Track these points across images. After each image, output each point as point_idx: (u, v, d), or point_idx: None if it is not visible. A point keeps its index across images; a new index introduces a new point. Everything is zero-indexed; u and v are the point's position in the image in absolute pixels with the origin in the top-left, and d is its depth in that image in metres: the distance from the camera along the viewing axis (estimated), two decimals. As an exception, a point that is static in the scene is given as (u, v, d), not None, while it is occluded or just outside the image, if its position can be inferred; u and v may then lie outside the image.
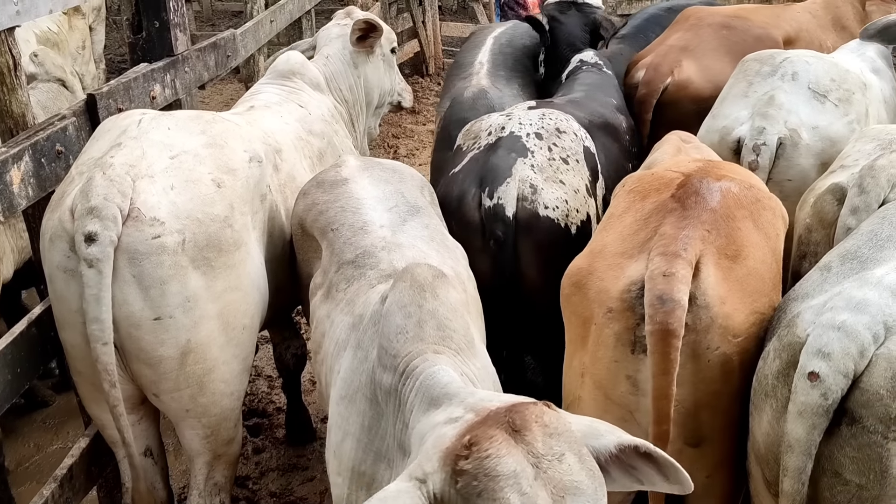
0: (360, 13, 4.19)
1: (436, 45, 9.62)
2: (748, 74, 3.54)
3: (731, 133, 3.37)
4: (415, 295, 1.99)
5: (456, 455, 1.47)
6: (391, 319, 1.98)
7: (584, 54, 4.43)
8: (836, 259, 2.18)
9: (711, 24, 4.47)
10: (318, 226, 2.76)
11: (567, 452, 1.48)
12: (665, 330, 2.08)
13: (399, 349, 1.91)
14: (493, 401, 1.59)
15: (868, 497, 1.88)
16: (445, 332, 1.94)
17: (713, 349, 2.18)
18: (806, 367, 1.88)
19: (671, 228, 2.30)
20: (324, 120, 3.63)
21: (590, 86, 4.12)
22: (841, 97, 3.42)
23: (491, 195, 3.14)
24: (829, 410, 1.86)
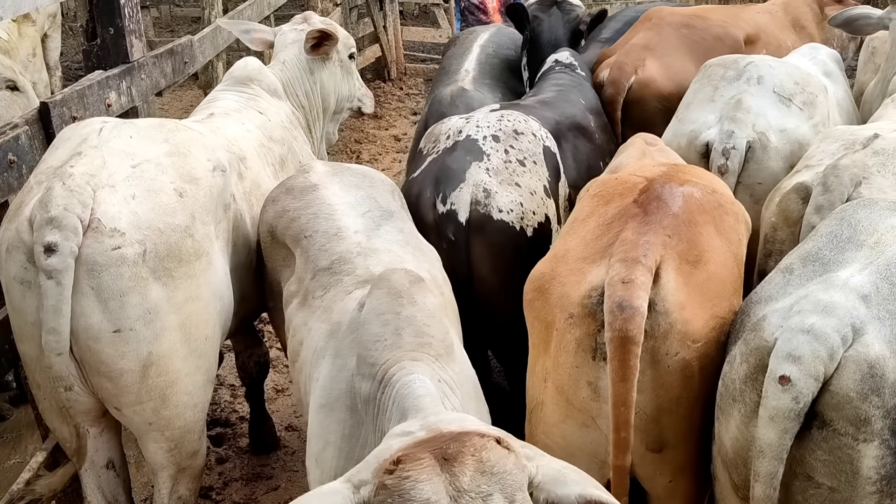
0: (317, 18, 4.16)
1: (397, 50, 9.61)
2: (713, 79, 3.58)
3: (699, 137, 3.41)
4: (392, 302, 1.99)
5: (385, 469, 1.46)
6: (369, 328, 1.97)
7: (560, 54, 4.47)
8: (797, 261, 2.20)
9: (672, 24, 4.57)
10: (290, 233, 2.74)
11: (496, 494, 1.43)
12: (624, 337, 2.08)
13: (377, 357, 1.89)
14: (453, 424, 1.56)
15: (840, 499, 1.91)
16: (424, 338, 1.93)
17: (672, 355, 2.19)
18: (776, 372, 1.89)
19: (632, 234, 2.31)
20: (283, 126, 3.61)
21: (561, 86, 4.14)
22: (805, 100, 3.48)
23: (444, 200, 3.17)
24: (800, 414, 1.88)
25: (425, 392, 1.75)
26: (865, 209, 2.26)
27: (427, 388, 1.77)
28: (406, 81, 9.44)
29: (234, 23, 4.40)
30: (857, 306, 1.93)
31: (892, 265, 2.01)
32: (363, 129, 8.05)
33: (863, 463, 1.86)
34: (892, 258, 2.03)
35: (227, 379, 4.45)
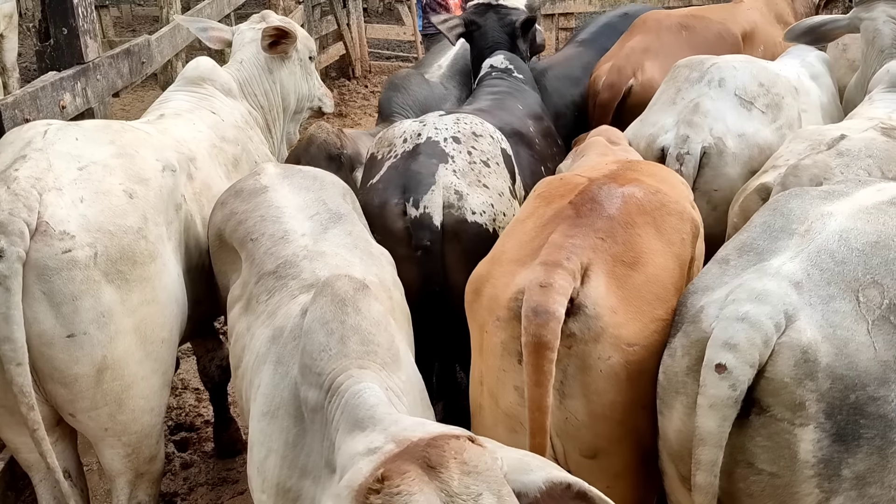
0: (275, 17, 4.14)
1: (361, 48, 9.59)
2: (678, 80, 3.54)
3: (656, 141, 3.38)
4: (336, 311, 1.96)
5: (367, 489, 1.42)
6: (313, 337, 1.94)
7: (494, 59, 4.40)
8: (733, 252, 2.23)
9: (670, 27, 4.57)
10: (237, 236, 2.70)
11: (485, 493, 1.42)
12: (538, 342, 2.06)
13: (323, 367, 1.87)
14: (417, 431, 1.54)
15: (780, 485, 1.94)
16: (370, 346, 1.91)
17: (605, 359, 2.16)
18: (713, 360, 1.92)
19: (559, 237, 2.28)
20: (237, 126, 3.58)
21: (497, 93, 4.09)
22: (769, 103, 3.44)
23: (416, 204, 3.08)
24: (737, 401, 1.90)
25: (377, 401, 1.73)
26: (797, 198, 2.29)
27: (378, 397, 1.75)
28: (371, 79, 9.43)
29: (193, 20, 4.37)
30: (790, 293, 1.96)
31: (823, 252, 2.05)
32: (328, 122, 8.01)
33: (800, 447, 1.90)
34: (823, 245, 2.06)
35: (191, 383, 4.42)
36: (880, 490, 1.93)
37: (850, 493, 1.91)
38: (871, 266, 2.01)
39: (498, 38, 4.57)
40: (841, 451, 1.88)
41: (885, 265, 2.02)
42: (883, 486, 1.93)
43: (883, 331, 1.93)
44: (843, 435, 1.88)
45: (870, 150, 2.95)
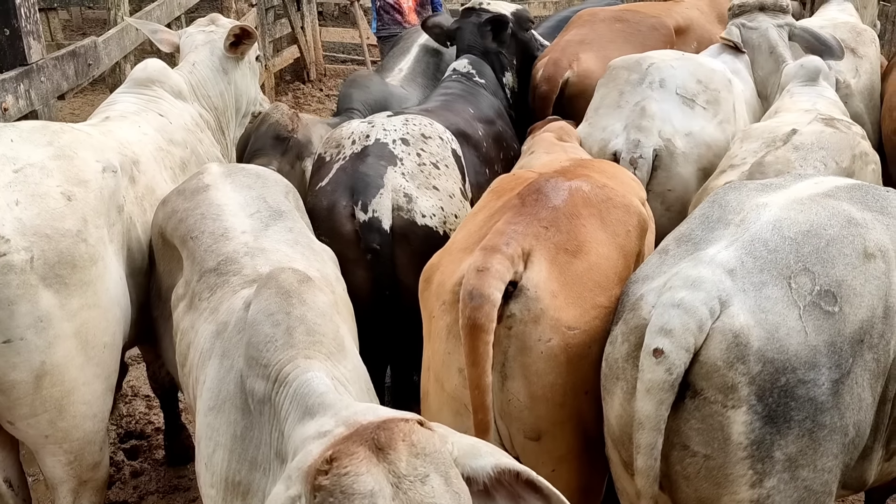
0: (224, 20, 4.12)
1: (316, 51, 9.54)
2: (618, 83, 3.58)
3: (608, 145, 3.42)
4: (282, 302, 1.97)
5: (316, 470, 1.44)
6: (259, 328, 1.94)
7: (458, 62, 4.43)
8: (672, 242, 2.28)
9: (605, 19, 4.65)
10: (178, 234, 2.69)
11: (432, 474, 1.44)
12: (473, 325, 2.11)
13: (270, 358, 1.88)
14: (368, 414, 1.56)
15: (714, 466, 1.98)
16: (315, 336, 1.93)
17: (545, 340, 2.21)
18: (650, 345, 1.96)
19: (502, 224, 2.33)
20: (186, 129, 3.54)
21: (449, 96, 4.10)
22: (709, 99, 3.50)
23: (365, 208, 3.07)
24: (674, 385, 1.95)
25: (326, 388, 1.74)
26: (735, 191, 2.36)
27: (327, 385, 1.76)
28: (326, 82, 9.39)
29: (142, 23, 4.32)
30: (724, 280, 2.01)
31: (756, 240, 2.10)
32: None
33: (733, 429, 1.95)
34: (756, 234, 2.12)
35: (141, 390, 4.34)
36: (812, 473, 1.99)
37: (782, 475, 1.96)
38: (803, 254, 2.07)
39: (472, 42, 4.57)
40: (772, 433, 1.94)
41: (816, 253, 2.08)
42: (815, 469, 1.99)
43: (813, 316, 1.99)
44: (773, 417, 1.93)
45: (821, 143, 3.08)
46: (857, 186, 2.41)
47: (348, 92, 4.49)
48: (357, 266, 3.09)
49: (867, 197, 2.35)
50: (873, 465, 2.30)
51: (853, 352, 2.02)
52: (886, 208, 2.32)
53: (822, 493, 2.04)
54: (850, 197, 2.32)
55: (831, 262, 2.07)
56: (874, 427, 2.21)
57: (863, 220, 2.21)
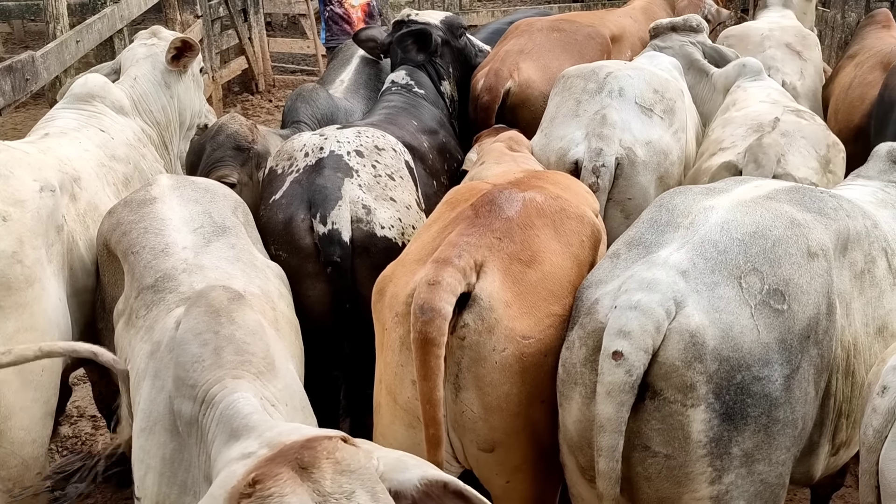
0: (166, 32, 4.04)
1: (265, 62, 9.44)
2: (574, 92, 3.57)
3: (567, 154, 3.40)
4: (210, 321, 1.94)
5: (240, 493, 1.42)
6: (187, 348, 1.92)
7: (396, 74, 4.38)
8: (622, 246, 2.30)
9: (542, 29, 4.67)
10: (120, 248, 2.64)
11: (358, 490, 1.44)
12: (424, 339, 2.10)
13: (197, 378, 1.85)
14: (292, 434, 1.55)
15: (675, 465, 2.00)
16: (244, 356, 1.90)
17: (499, 350, 2.19)
18: (609, 348, 1.97)
19: (456, 236, 2.32)
20: (129, 144, 3.47)
21: (391, 109, 4.06)
22: (665, 108, 3.55)
23: (324, 220, 3.02)
24: (633, 386, 1.96)
25: (252, 409, 1.72)
26: (681, 195, 2.39)
27: (253, 406, 1.73)
28: (275, 93, 9.28)
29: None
30: (678, 281, 2.03)
31: (706, 242, 2.13)
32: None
33: (692, 427, 1.96)
34: (706, 236, 2.15)
35: (87, 410, 4.22)
36: (768, 466, 2.02)
37: (740, 471, 1.99)
38: (751, 254, 2.11)
39: (405, 55, 4.53)
40: (730, 430, 1.96)
41: (764, 253, 2.12)
42: (770, 463, 2.02)
43: (764, 314, 2.02)
44: (731, 414, 1.96)
45: (801, 132, 3.23)
46: (795, 189, 2.49)
47: (295, 105, 4.44)
48: (317, 279, 3.05)
49: (805, 198, 2.42)
50: (820, 459, 2.35)
51: (801, 348, 2.07)
52: (823, 209, 2.39)
53: (776, 486, 2.08)
54: (790, 199, 2.39)
55: (778, 261, 2.11)
56: (819, 422, 2.26)
57: (804, 221, 2.27)
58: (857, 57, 4.63)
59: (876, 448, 1.91)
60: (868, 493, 1.96)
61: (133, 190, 3.09)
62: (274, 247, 3.07)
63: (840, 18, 6.82)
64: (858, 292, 2.34)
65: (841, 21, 6.79)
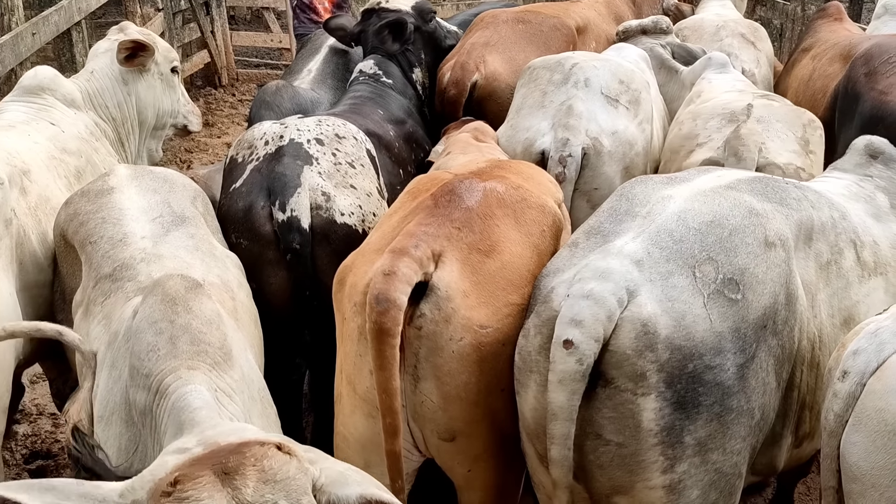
0: (134, 29, 3.97)
1: (228, 56, 9.32)
2: (540, 83, 3.58)
3: (534, 145, 3.41)
4: (166, 310, 1.94)
5: (162, 491, 1.42)
6: (142, 337, 1.91)
7: (364, 63, 4.36)
8: (581, 235, 2.31)
9: (507, 21, 4.65)
10: (78, 238, 2.62)
11: (281, 501, 1.43)
12: (379, 329, 2.11)
13: (151, 368, 1.83)
14: (230, 436, 1.54)
15: (627, 453, 2.01)
16: (200, 346, 1.89)
17: (456, 340, 2.20)
18: (561, 336, 1.98)
19: (414, 226, 2.32)
20: (80, 137, 3.42)
21: (358, 98, 4.06)
22: (631, 99, 3.56)
23: (283, 207, 3.02)
24: (584, 375, 1.97)
25: (202, 404, 1.71)
26: (641, 185, 2.40)
27: (204, 400, 1.73)
28: (239, 87, 9.17)
29: None
30: (631, 270, 2.04)
31: (662, 231, 2.14)
32: (194, 136, 7.71)
33: (643, 416, 1.98)
34: (662, 225, 2.16)
35: (46, 408, 4.15)
36: (722, 456, 2.03)
37: (693, 460, 2.00)
38: (707, 244, 2.12)
39: (376, 44, 4.50)
40: (682, 419, 1.97)
41: (720, 242, 2.13)
42: (724, 452, 2.03)
43: (718, 303, 2.03)
44: (683, 403, 1.97)
45: (775, 115, 3.23)
46: (758, 179, 2.49)
47: (259, 114, 4.39)
48: (277, 267, 3.05)
49: (767, 189, 2.42)
50: (783, 451, 2.37)
51: (757, 337, 2.08)
52: (785, 199, 2.41)
53: (732, 475, 2.09)
54: (751, 189, 2.39)
55: (734, 251, 2.12)
56: (782, 413, 2.28)
57: (763, 211, 2.28)
58: (813, 50, 4.69)
59: (837, 433, 1.94)
60: (829, 477, 2.00)
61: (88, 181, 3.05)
62: (234, 235, 3.06)
63: (800, 11, 6.93)
64: (824, 283, 2.36)
65: (801, 13, 6.90)
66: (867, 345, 1.95)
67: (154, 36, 4.01)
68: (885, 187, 2.81)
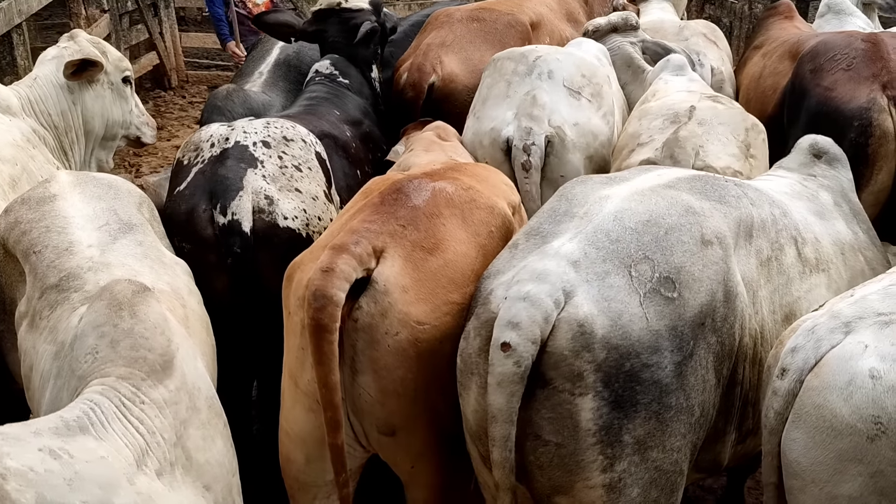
0: (84, 37, 3.89)
1: (177, 57, 9.18)
2: (505, 74, 3.64)
3: (499, 134, 3.47)
4: (111, 314, 1.92)
5: None
6: (84, 340, 1.90)
7: (320, 64, 4.33)
8: (522, 237, 2.32)
9: (461, 20, 4.66)
10: (20, 248, 2.56)
11: None
12: (316, 325, 2.14)
13: (86, 370, 1.83)
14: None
15: (566, 454, 2.03)
16: (139, 352, 1.88)
17: (392, 334, 2.23)
18: (499, 339, 1.99)
19: (358, 223, 2.34)
20: (15, 145, 3.36)
21: (312, 99, 4.03)
22: (593, 92, 3.63)
23: (224, 211, 2.99)
24: (523, 377, 1.98)
25: (75, 423, 1.72)
26: (581, 185, 2.42)
27: (81, 421, 1.72)
28: (188, 89, 9.04)
29: None
30: (568, 271, 2.05)
31: (599, 231, 2.16)
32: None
33: (581, 416, 1.99)
34: (599, 225, 2.18)
35: None
36: (662, 454, 2.05)
37: (633, 458, 2.02)
38: (643, 243, 2.14)
39: (337, 45, 4.44)
40: (620, 418, 1.99)
41: (656, 241, 2.15)
42: (664, 450, 2.05)
43: (654, 302, 2.05)
44: (620, 402, 1.99)
45: (719, 118, 3.27)
46: (697, 177, 2.52)
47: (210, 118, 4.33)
48: (218, 271, 3.02)
49: (706, 187, 2.45)
50: (727, 447, 2.40)
51: (695, 335, 2.10)
52: (724, 197, 2.43)
53: (672, 473, 2.11)
54: (690, 187, 2.42)
55: (670, 249, 2.14)
56: (724, 410, 2.31)
57: (701, 209, 2.31)
58: (764, 47, 4.79)
59: (777, 430, 1.98)
60: (770, 473, 2.03)
61: (18, 193, 2.98)
62: (177, 238, 3.03)
63: (748, 9, 7.06)
64: (765, 280, 2.38)
65: (748, 12, 7.03)
66: (804, 342, 1.99)
67: (105, 45, 3.96)
68: (829, 186, 2.87)
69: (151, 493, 1.73)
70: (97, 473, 1.64)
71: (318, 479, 2.39)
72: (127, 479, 1.69)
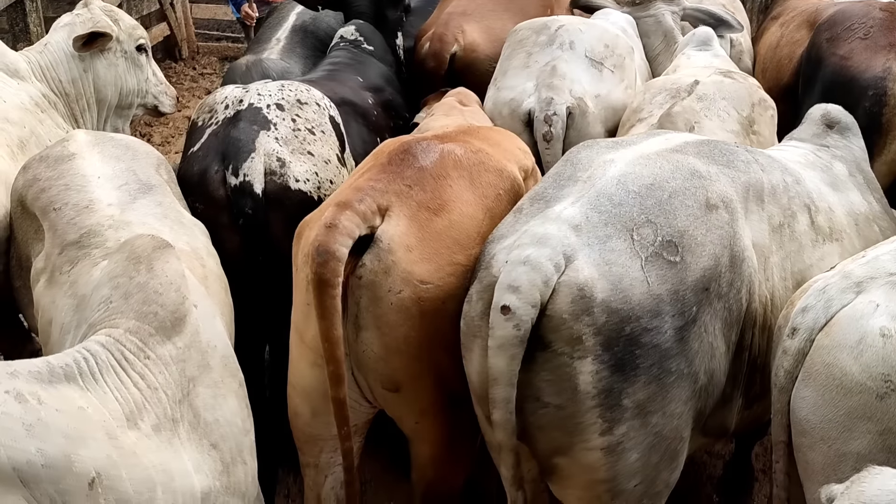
0: (98, 5, 3.88)
1: (188, 28, 9.15)
2: (525, 45, 3.60)
3: (520, 105, 3.43)
4: (128, 266, 1.95)
5: None
6: (100, 290, 1.94)
7: (345, 29, 4.32)
8: (526, 201, 2.31)
9: None
10: (38, 204, 2.58)
11: None
12: (319, 280, 2.16)
13: (97, 319, 1.86)
14: None
15: (565, 416, 2.04)
16: (151, 307, 1.90)
17: (395, 292, 2.24)
18: (499, 302, 1.99)
19: (364, 181, 2.36)
20: (23, 108, 3.37)
21: (336, 65, 4.03)
22: (616, 63, 3.58)
23: (236, 172, 3.01)
24: (523, 340, 1.98)
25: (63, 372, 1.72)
26: (587, 149, 2.40)
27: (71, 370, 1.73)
28: (199, 60, 9.02)
29: None
30: (569, 235, 2.04)
31: (602, 195, 2.14)
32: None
33: (580, 379, 1.99)
34: (602, 189, 2.16)
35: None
36: (662, 419, 2.05)
37: (632, 423, 2.02)
38: (646, 207, 2.12)
39: (364, 10, 4.44)
40: (620, 381, 1.99)
41: (659, 205, 2.13)
42: (665, 415, 2.05)
43: (656, 266, 2.04)
44: (620, 365, 1.99)
45: (722, 93, 3.21)
46: (706, 142, 2.49)
47: None
48: (230, 232, 3.03)
49: (714, 151, 2.43)
50: (733, 412, 2.40)
51: (698, 300, 2.09)
52: (733, 162, 2.41)
53: (672, 439, 2.11)
54: (698, 151, 2.39)
55: (673, 213, 2.13)
56: (732, 375, 2.30)
57: (707, 173, 2.28)
58: (782, 17, 4.72)
59: (787, 388, 2.00)
60: (780, 432, 2.05)
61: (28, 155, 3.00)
62: (191, 198, 3.05)
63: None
64: (777, 246, 2.37)
65: (762, -16, 6.90)
66: (815, 301, 2.00)
67: (119, 13, 3.93)
68: (843, 156, 2.84)
69: (137, 448, 1.72)
70: (65, 423, 1.61)
71: (323, 432, 2.43)
72: (106, 433, 1.68)
